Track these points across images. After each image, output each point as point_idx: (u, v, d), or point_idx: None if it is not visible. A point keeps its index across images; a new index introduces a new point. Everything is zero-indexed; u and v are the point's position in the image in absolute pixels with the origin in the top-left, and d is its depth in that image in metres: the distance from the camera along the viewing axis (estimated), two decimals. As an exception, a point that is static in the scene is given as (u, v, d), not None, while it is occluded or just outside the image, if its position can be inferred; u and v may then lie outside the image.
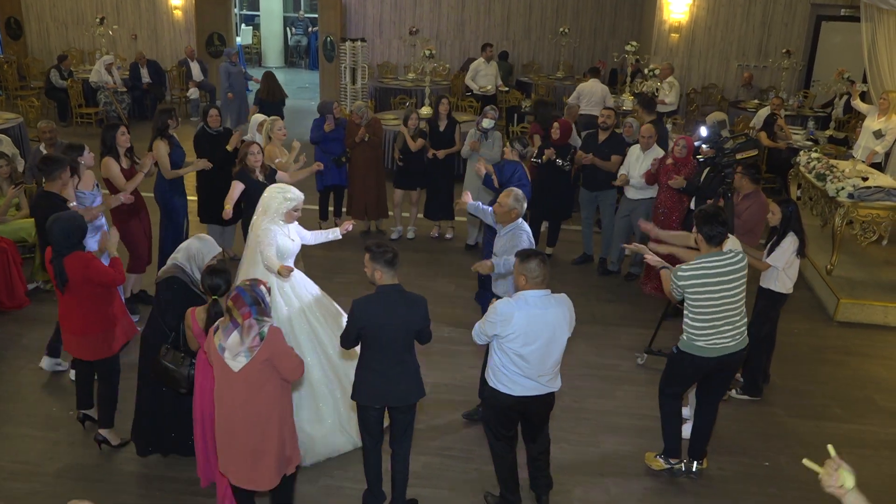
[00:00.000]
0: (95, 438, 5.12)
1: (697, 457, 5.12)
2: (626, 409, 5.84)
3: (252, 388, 3.75)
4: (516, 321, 4.13)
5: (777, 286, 5.83)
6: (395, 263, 4.21)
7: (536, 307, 4.16)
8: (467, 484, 4.97)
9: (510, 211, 5.30)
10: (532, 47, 17.17)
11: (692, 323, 4.68)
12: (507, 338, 4.17)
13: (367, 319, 4.16)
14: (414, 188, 8.95)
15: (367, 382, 4.30)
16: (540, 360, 4.23)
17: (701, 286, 4.56)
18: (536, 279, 4.18)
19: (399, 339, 4.22)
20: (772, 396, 6.11)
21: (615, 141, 8.08)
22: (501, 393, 4.32)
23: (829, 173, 8.18)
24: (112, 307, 4.97)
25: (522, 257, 4.24)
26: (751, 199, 6.29)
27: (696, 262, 4.63)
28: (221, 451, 3.94)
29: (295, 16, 22.57)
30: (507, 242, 5.32)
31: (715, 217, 4.62)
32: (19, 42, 17.95)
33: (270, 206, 5.23)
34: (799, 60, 14.22)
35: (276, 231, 5.22)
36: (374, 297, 4.23)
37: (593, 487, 4.98)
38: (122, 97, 13.93)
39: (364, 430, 4.48)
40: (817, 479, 2.56)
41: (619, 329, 7.09)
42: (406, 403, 4.37)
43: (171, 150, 7.14)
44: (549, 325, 4.18)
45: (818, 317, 7.59)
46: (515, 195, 5.31)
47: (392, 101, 13.85)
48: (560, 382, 4.44)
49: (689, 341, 4.73)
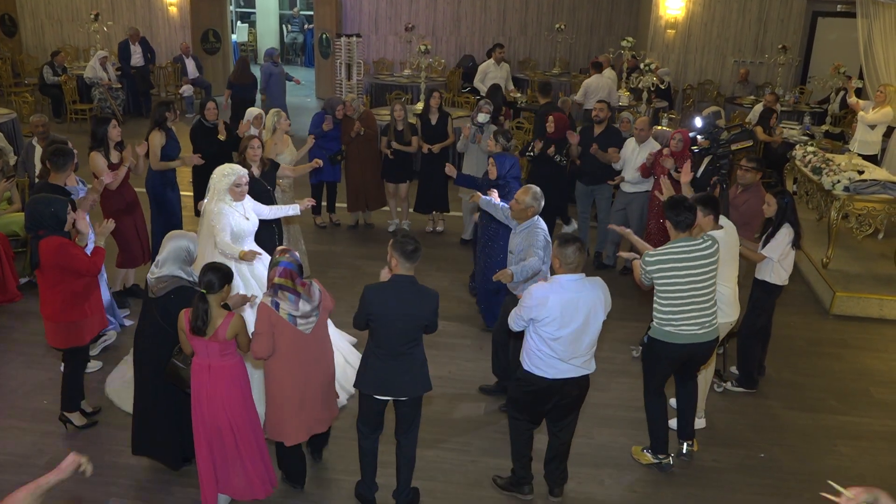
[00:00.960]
0: (60, 418, 5.20)
1: (686, 437, 5.15)
2: (620, 401, 5.82)
3: (320, 342, 4.32)
4: (551, 305, 4.17)
5: (772, 278, 5.80)
6: (415, 257, 4.19)
7: (571, 291, 4.20)
8: (465, 476, 4.94)
9: (527, 209, 5.27)
10: (528, 43, 17.13)
11: (661, 308, 4.72)
12: (543, 321, 4.20)
13: (377, 306, 4.16)
14: (402, 181, 8.92)
15: (372, 371, 4.28)
16: (574, 342, 4.26)
17: (668, 271, 4.60)
18: (571, 265, 4.22)
19: (407, 330, 4.20)
20: (767, 389, 6.09)
21: (611, 133, 8.05)
22: (536, 376, 4.34)
23: (825, 167, 8.17)
24: (88, 298, 4.94)
25: (561, 241, 4.27)
26: (750, 192, 6.26)
27: (663, 247, 4.66)
28: (290, 417, 4.30)
29: (290, 13, 22.50)
30: (524, 241, 5.28)
31: (681, 203, 4.69)
32: (14, 39, 17.88)
33: (216, 187, 5.28)
34: (795, 56, 14.21)
35: (227, 212, 5.22)
36: (386, 285, 4.23)
37: (588, 479, 4.96)
38: (117, 93, 13.87)
39: (362, 420, 4.45)
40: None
41: (614, 322, 7.01)
42: (411, 396, 4.34)
43: (167, 143, 7.13)
44: (583, 309, 4.22)
45: (814, 310, 7.57)
46: (534, 193, 5.27)
47: (388, 96, 13.80)
48: (595, 365, 4.46)
49: (658, 327, 4.77)
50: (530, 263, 5.11)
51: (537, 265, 5.14)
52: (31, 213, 4.80)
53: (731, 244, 5.24)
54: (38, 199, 4.88)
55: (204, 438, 4.28)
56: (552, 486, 4.76)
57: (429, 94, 8.93)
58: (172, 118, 7.21)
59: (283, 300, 4.10)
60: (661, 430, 5.02)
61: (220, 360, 4.18)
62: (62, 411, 5.21)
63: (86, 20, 15.97)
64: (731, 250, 5.24)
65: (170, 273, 4.40)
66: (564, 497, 4.78)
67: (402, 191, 8.97)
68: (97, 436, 5.18)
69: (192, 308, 4.08)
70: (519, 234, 5.35)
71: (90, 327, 5.05)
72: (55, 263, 4.74)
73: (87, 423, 5.27)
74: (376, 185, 8.97)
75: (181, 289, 4.39)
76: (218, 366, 4.19)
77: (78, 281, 4.85)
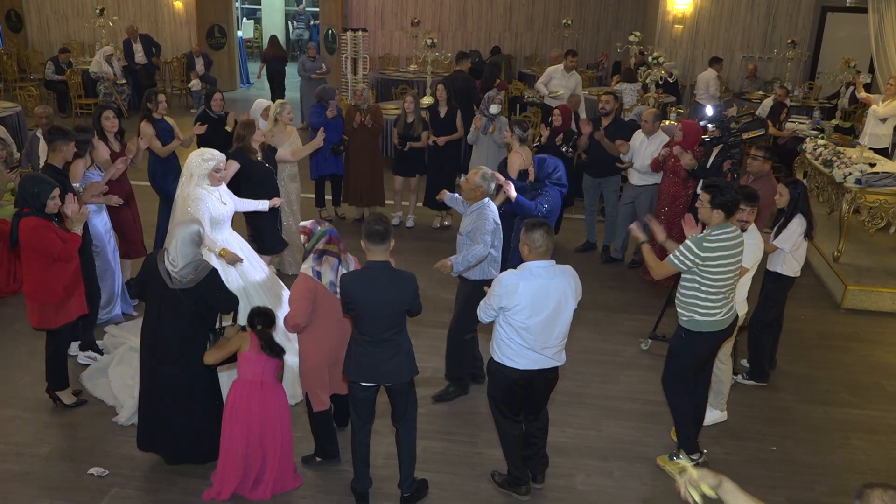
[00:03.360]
0: (47, 392, 5.26)
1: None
2: (629, 394, 5.73)
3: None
4: (521, 292, 4.06)
5: (784, 269, 5.72)
6: (382, 238, 4.09)
7: (541, 278, 4.10)
8: (470, 468, 4.86)
9: (476, 188, 5.15)
10: (535, 39, 17.05)
11: (707, 297, 4.49)
12: (514, 310, 4.10)
13: (353, 294, 4.07)
14: (413, 175, 8.83)
15: (356, 357, 4.21)
16: (545, 331, 4.15)
17: (724, 257, 4.43)
18: (540, 249, 4.11)
19: (387, 315, 4.12)
20: (779, 382, 6.00)
21: (618, 125, 7.97)
22: (506, 367, 4.25)
23: (836, 159, 8.07)
24: (63, 281, 4.92)
25: (527, 227, 4.16)
26: (761, 182, 6.15)
27: (717, 232, 4.45)
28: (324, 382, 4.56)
29: (296, 9, 22.46)
30: (472, 223, 5.17)
31: (729, 187, 4.53)
32: (20, 34, 17.86)
33: (194, 171, 5.24)
34: (804, 51, 14.08)
35: (205, 197, 5.19)
36: (359, 273, 4.18)
37: (597, 472, 4.87)
38: (122, 88, 13.83)
39: (353, 410, 4.38)
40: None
41: (623, 315, 6.98)
42: (398, 382, 4.26)
43: (158, 133, 7.19)
44: (554, 296, 4.11)
45: (825, 304, 7.47)
46: (483, 173, 5.17)
47: (393, 91, 13.75)
48: (565, 357, 4.36)
49: (703, 320, 4.54)
50: (475, 251, 5.03)
51: (482, 252, 5.05)
52: (20, 189, 4.88)
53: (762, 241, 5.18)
54: (29, 177, 4.94)
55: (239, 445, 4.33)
56: (534, 474, 4.68)
57: (436, 86, 8.85)
58: (154, 108, 7.21)
59: (327, 267, 4.38)
60: (691, 427, 4.86)
61: (272, 378, 4.37)
62: (50, 388, 5.24)
63: (91, 16, 15.97)
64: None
65: (193, 260, 4.30)
66: (574, 490, 4.70)
67: (412, 184, 8.88)
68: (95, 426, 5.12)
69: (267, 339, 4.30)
70: (468, 215, 5.25)
71: (65, 311, 5.02)
72: (28, 243, 4.78)
73: (76, 401, 5.29)
74: (373, 181, 8.82)
75: (213, 273, 4.37)
76: (271, 383, 4.36)
77: (53, 264, 4.84)
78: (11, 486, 4.52)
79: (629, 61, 13.45)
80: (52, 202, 4.80)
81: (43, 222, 4.76)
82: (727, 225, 4.49)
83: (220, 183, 5.38)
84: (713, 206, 4.46)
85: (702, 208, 4.55)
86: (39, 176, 5.00)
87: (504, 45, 16.46)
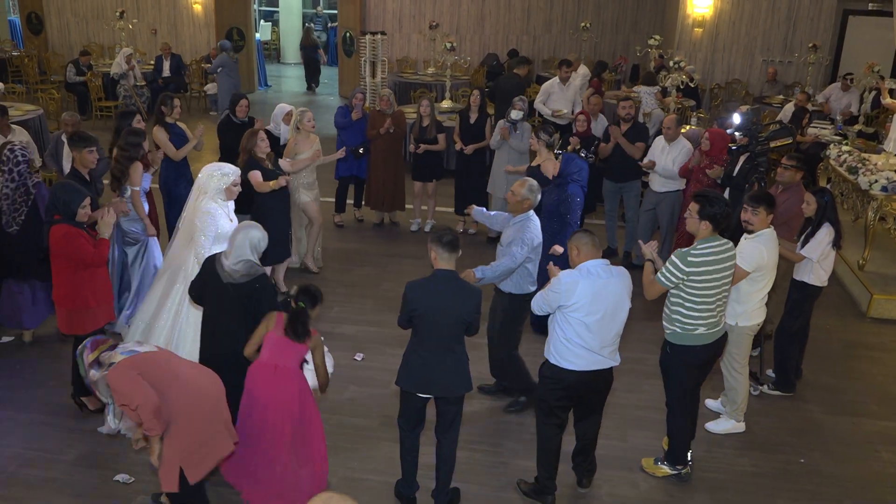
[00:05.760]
0: (73, 398, 5.29)
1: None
2: (654, 402, 5.66)
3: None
4: (581, 290, 4.11)
5: (812, 279, 5.66)
6: (453, 247, 4.15)
7: (600, 276, 4.16)
8: (494, 477, 4.84)
9: (523, 201, 5.17)
10: (553, 42, 17.00)
11: (691, 312, 4.49)
12: (572, 307, 4.14)
13: (419, 302, 4.10)
14: (430, 180, 8.81)
15: (413, 368, 4.22)
16: (603, 330, 4.19)
17: (710, 272, 4.42)
18: (588, 245, 4.21)
19: (449, 325, 4.13)
20: (805, 392, 5.93)
21: (637, 130, 7.93)
22: (565, 370, 4.26)
23: (862, 166, 7.98)
24: (92, 288, 4.95)
25: (571, 238, 4.32)
26: (790, 192, 6.08)
27: (702, 246, 4.44)
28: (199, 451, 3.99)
29: (314, 11, 22.51)
30: (515, 234, 5.17)
31: (720, 199, 4.51)
32: (40, 37, 18.01)
33: (209, 185, 5.19)
34: (825, 55, 13.96)
35: (216, 212, 5.15)
36: (427, 281, 4.18)
37: (621, 482, 4.84)
38: (142, 90, 13.90)
39: (402, 418, 4.37)
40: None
41: (645, 323, 6.90)
42: (452, 395, 4.25)
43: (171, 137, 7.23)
44: (612, 295, 4.17)
45: (850, 312, 7.39)
46: (530, 185, 5.18)
47: (412, 94, 13.74)
48: (619, 358, 4.38)
49: (685, 333, 4.55)
50: (501, 264, 5.06)
51: (508, 265, 5.06)
52: (51, 196, 4.93)
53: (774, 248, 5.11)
54: (60, 185, 4.99)
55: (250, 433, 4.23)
56: (580, 478, 4.69)
57: (469, 91, 8.82)
58: (168, 112, 7.25)
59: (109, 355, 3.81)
60: (685, 441, 4.85)
61: (290, 363, 4.20)
62: (75, 394, 5.28)
63: (111, 18, 16.07)
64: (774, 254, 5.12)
65: (246, 260, 4.36)
66: (600, 501, 4.67)
67: (430, 189, 8.86)
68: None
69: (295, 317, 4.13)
70: (512, 226, 5.25)
71: (93, 318, 5.04)
72: (59, 251, 4.83)
73: (100, 406, 5.22)
74: (396, 187, 8.81)
75: (263, 277, 4.41)
76: (285, 368, 4.18)
77: (82, 271, 4.87)
78: (38, 493, 4.54)
79: (649, 65, 13.39)
80: (82, 211, 4.85)
81: (73, 230, 4.80)
82: (714, 238, 4.47)
83: (234, 197, 5.36)
84: (701, 217, 4.45)
85: (689, 218, 4.54)
86: (71, 184, 5.05)
87: (522, 48, 16.42)
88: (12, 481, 4.62)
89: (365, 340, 6.40)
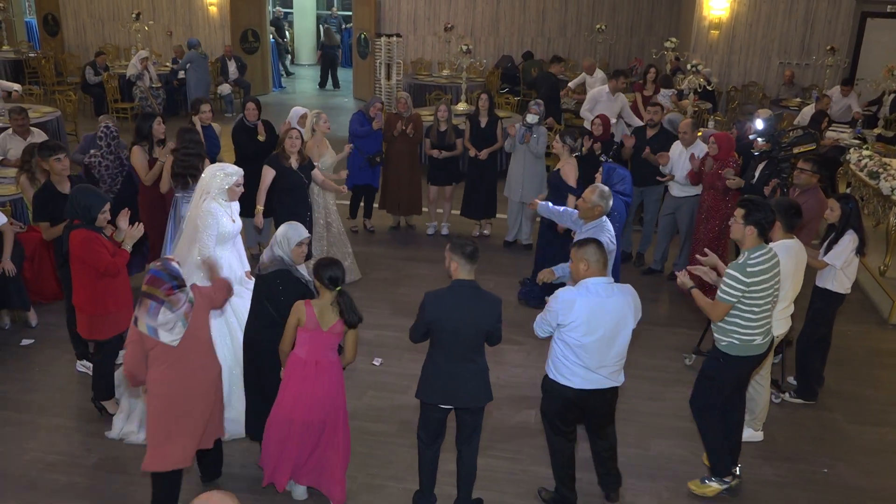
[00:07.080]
0: (93, 402, 5.30)
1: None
2: (676, 410, 5.63)
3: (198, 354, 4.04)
4: (578, 309, 4.02)
5: (835, 286, 5.60)
6: (474, 258, 4.10)
7: (598, 295, 4.06)
8: (515, 485, 4.81)
9: (594, 207, 5.16)
10: (567, 44, 16.93)
11: (749, 322, 4.40)
12: (569, 326, 4.06)
13: (438, 313, 4.05)
14: (448, 183, 8.77)
15: (433, 379, 4.18)
16: (602, 350, 4.10)
17: (766, 280, 4.34)
18: (597, 263, 4.09)
19: (469, 336, 4.09)
20: (827, 400, 5.87)
21: (663, 136, 7.87)
22: (561, 385, 4.20)
23: (883, 171, 7.91)
24: (112, 294, 4.95)
25: (579, 244, 4.16)
26: (808, 195, 6.03)
27: (756, 255, 4.37)
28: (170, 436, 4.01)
29: (328, 13, 22.52)
30: None
31: (765, 205, 4.43)
32: (56, 38, 18.11)
33: (212, 184, 5.16)
34: (843, 58, 13.85)
35: (217, 212, 5.12)
36: (446, 291, 4.11)
37: (645, 493, 4.79)
38: (158, 92, 13.94)
39: (423, 429, 4.34)
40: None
41: (665, 329, 6.88)
42: (473, 406, 4.22)
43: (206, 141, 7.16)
44: (612, 315, 4.06)
45: (871, 319, 7.31)
46: (601, 191, 5.16)
47: (427, 97, 13.72)
48: (623, 378, 4.30)
49: (742, 344, 4.45)
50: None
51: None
52: (71, 200, 4.89)
53: (801, 257, 5.06)
54: (80, 190, 4.94)
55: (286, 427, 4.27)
56: (608, 492, 4.64)
57: (478, 95, 8.77)
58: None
59: (143, 310, 3.84)
60: (723, 450, 4.74)
61: (330, 356, 4.23)
62: (95, 398, 5.29)
63: (127, 20, 16.12)
64: (800, 263, 5.06)
65: (276, 254, 4.45)
66: (621, 511, 4.64)
67: (447, 192, 8.82)
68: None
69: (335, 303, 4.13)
70: (584, 233, 5.19)
71: (113, 324, 5.04)
72: (78, 256, 4.83)
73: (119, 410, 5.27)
74: (412, 191, 8.76)
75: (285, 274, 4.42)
76: (326, 362, 4.22)
77: (101, 277, 4.87)
78: (60, 498, 4.54)
79: (665, 67, 13.31)
80: (102, 216, 4.85)
81: (92, 235, 4.79)
82: (762, 246, 4.41)
83: (237, 198, 5.32)
84: (746, 222, 4.38)
85: (735, 224, 4.47)
86: (91, 189, 5.03)
87: (536, 50, 16.37)
88: (34, 486, 4.63)
89: (383, 345, 6.38)
